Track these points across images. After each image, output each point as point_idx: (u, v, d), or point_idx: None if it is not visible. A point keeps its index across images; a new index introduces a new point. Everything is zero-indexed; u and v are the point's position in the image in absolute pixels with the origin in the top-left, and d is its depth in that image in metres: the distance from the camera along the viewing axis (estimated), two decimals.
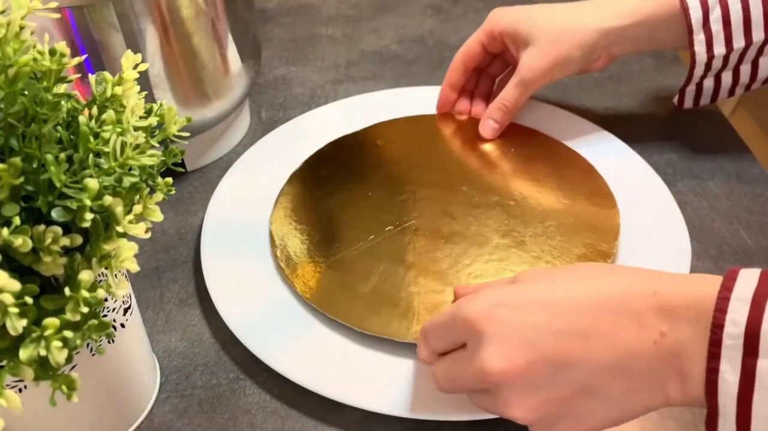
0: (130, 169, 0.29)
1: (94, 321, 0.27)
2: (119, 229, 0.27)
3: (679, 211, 0.48)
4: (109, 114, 0.29)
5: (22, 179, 0.26)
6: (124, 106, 0.30)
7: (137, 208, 0.29)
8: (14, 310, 0.24)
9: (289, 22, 0.74)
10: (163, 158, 0.32)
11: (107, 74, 0.31)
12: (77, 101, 0.31)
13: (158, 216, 0.30)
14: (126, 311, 0.35)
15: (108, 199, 0.27)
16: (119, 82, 0.30)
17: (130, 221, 0.28)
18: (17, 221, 0.25)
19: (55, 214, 0.27)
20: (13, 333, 0.24)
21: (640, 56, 0.66)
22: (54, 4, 0.30)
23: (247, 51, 0.53)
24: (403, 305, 0.42)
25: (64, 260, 0.27)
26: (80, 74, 0.46)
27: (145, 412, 0.40)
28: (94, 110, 0.30)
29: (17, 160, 0.25)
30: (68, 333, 0.26)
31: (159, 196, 0.31)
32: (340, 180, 0.52)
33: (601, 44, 0.51)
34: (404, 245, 0.46)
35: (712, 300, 0.29)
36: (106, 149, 0.28)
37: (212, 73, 0.51)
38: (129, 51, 0.31)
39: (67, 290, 0.26)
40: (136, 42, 0.45)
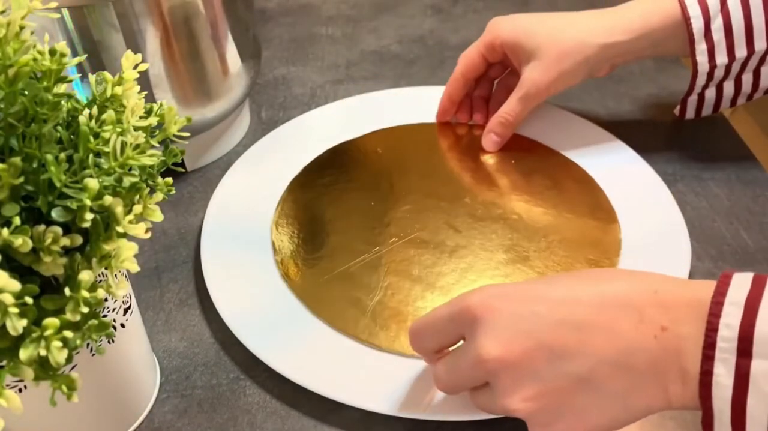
0: (130, 169, 0.29)
1: (94, 321, 0.27)
2: (119, 229, 0.27)
3: (679, 211, 0.48)
4: (109, 114, 0.29)
5: (22, 179, 0.26)
6: (124, 106, 0.30)
7: (137, 208, 0.29)
8: (14, 310, 0.24)
9: (289, 22, 0.74)
10: (163, 158, 0.32)
11: (107, 74, 0.31)
12: (77, 101, 0.31)
13: (158, 216, 0.30)
14: (126, 311, 0.35)
15: (108, 199, 0.27)
16: (119, 83, 0.30)
17: (130, 221, 0.28)
18: (17, 221, 0.25)
19: (55, 214, 0.27)
20: (13, 332, 0.24)
21: None
22: (54, 4, 0.30)
23: (247, 51, 0.53)
24: (410, 319, 0.42)
25: (64, 260, 0.27)
26: (80, 74, 0.46)
27: (145, 412, 0.40)
28: (94, 110, 0.30)
29: (17, 160, 0.25)
30: (68, 333, 0.26)
31: (159, 196, 0.31)
32: (341, 188, 0.52)
33: (605, 58, 0.51)
34: (409, 257, 0.46)
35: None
36: (106, 149, 0.28)
37: (212, 73, 0.51)
38: (129, 51, 0.31)
39: (67, 290, 0.26)
40: (136, 42, 0.45)
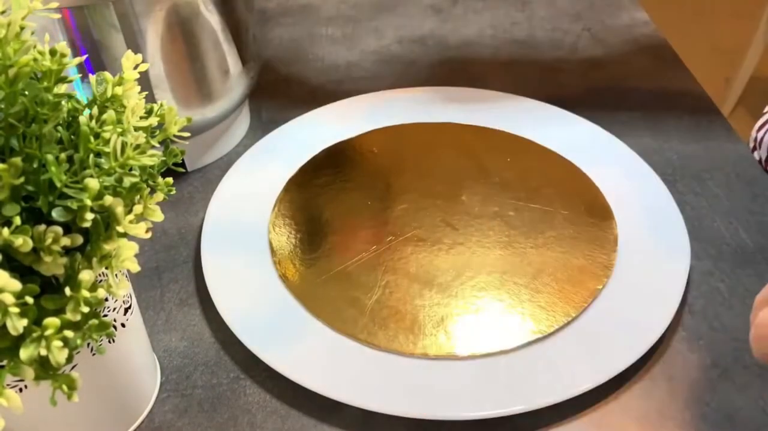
0: (131, 169, 0.29)
1: (95, 321, 0.28)
2: (120, 229, 0.27)
3: (679, 211, 0.48)
4: (110, 114, 0.29)
5: (22, 179, 0.26)
6: (124, 107, 0.30)
7: (138, 208, 0.29)
8: (15, 310, 0.24)
9: (289, 23, 0.74)
10: (164, 158, 0.32)
11: (108, 74, 0.31)
12: (77, 101, 0.31)
13: (159, 216, 0.30)
14: (126, 311, 0.35)
15: (108, 199, 0.27)
16: (120, 83, 0.30)
17: (130, 221, 0.28)
18: (18, 221, 0.25)
19: (55, 214, 0.27)
20: (13, 332, 0.24)
21: (640, 56, 0.66)
22: (54, 5, 0.30)
23: (247, 51, 0.53)
24: (409, 318, 0.42)
25: (64, 260, 0.27)
26: (81, 74, 0.46)
27: (146, 412, 0.40)
28: (95, 110, 0.30)
29: (18, 160, 0.25)
30: (69, 333, 0.26)
31: (159, 196, 0.31)
32: (338, 188, 0.52)
33: None
34: (407, 256, 0.46)
35: None
36: (107, 149, 0.28)
37: (212, 73, 0.51)
38: (129, 51, 0.31)
39: (67, 290, 0.26)
40: (137, 42, 0.45)
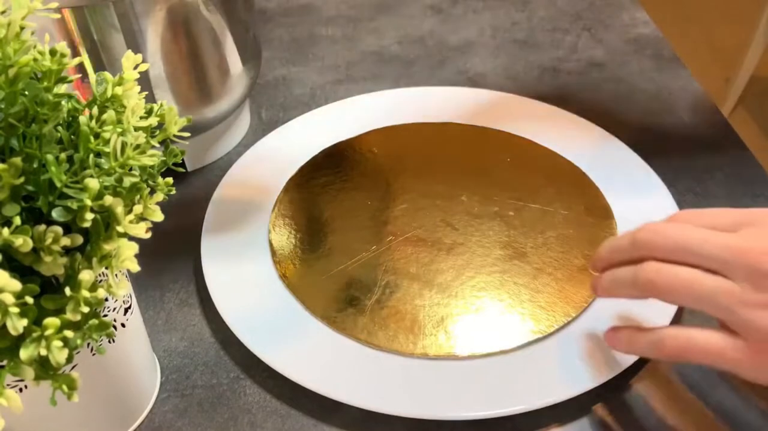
0: (131, 169, 0.29)
1: (95, 321, 0.28)
2: (120, 229, 0.27)
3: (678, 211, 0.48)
4: (110, 114, 0.29)
5: (22, 179, 0.26)
6: (124, 107, 0.30)
7: (138, 208, 0.29)
8: (15, 310, 0.24)
9: (289, 23, 0.74)
10: (164, 158, 0.32)
11: (108, 74, 0.31)
12: (78, 101, 0.31)
13: (159, 216, 0.30)
14: (126, 311, 0.35)
15: (108, 199, 0.27)
16: (120, 83, 0.30)
17: (130, 221, 0.28)
18: (18, 221, 0.25)
19: (55, 214, 0.27)
20: (13, 332, 0.24)
21: (640, 56, 0.66)
22: (54, 5, 0.30)
23: (247, 51, 0.53)
24: (409, 318, 0.42)
25: (64, 260, 0.27)
26: (81, 74, 0.46)
27: (146, 411, 0.40)
28: (95, 110, 0.30)
29: (18, 160, 0.25)
30: (69, 333, 0.26)
31: (159, 196, 0.31)
32: (338, 188, 0.52)
33: None
34: (407, 256, 0.46)
35: None
36: (107, 149, 0.28)
37: (213, 73, 0.51)
38: (129, 51, 0.31)
39: (67, 290, 0.26)
40: (137, 42, 0.45)
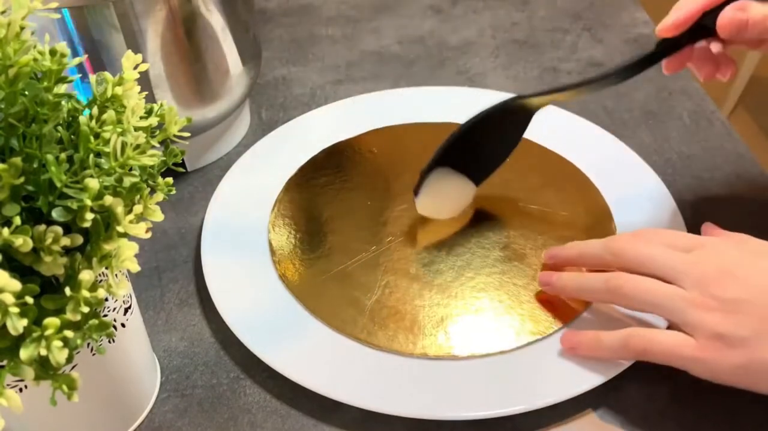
0: (131, 169, 0.29)
1: (95, 321, 0.28)
2: (120, 229, 0.27)
3: (679, 211, 0.48)
4: (110, 114, 0.29)
5: (22, 179, 0.26)
6: (124, 107, 0.30)
7: (138, 208, 0.29)
8: (15, 310, 0.24)
9: (289, 23, 0.74)
10: (164, 158, 0.32)
11: (108, 74, 0.31)
12: (77, 101, 0.31)
13: (159, 216, 0.30)
14: (126, 311, 0.35)
15: (108, 199, 0.27)
16: (120, 83, 0.30)
17: (130, 221, 0.28)
18: (18, 221, 0.25)
19: (55, 214, 0.27)
20: (13, 332, 0.24)
21: None
22: (54, 5, 0.30)
23: (247, 51, 0.53)
24: (408, 318, 0.42)
25: (64, 260, 0.27)
26: (80, 74, 0.46)
27: (146, 412, 0.40)
28: (95, 110, 0.30)
29: (18, 160, 0.25)
30: (69, 333, 0.26)
31: (159, 196, 0.31)
32: (338, 188, 0.52)
33: None
34: (407, 256, 0.46)
35: None
36: (107, 149, 0.28)
37: (213, 73, 0.51)
38: (129, 51, 0.31)
39: (67, 290, 0.26)
40: (137, 42, 0.45)
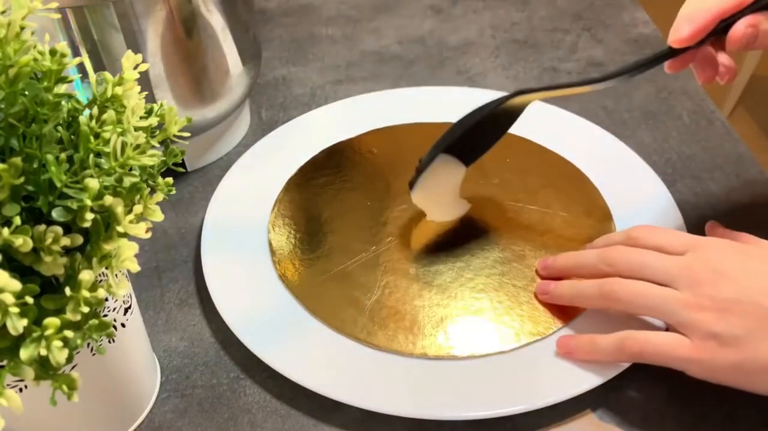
0: (131, 169, 0.29)
1: (95, 321, 0.28)
2: (120, 229, 0.27)
3: (679, 211, 0.48)
4: (110, 114, 0.29)
5: (22, 179, 0.26)
6: (124, 107, 0.30)
7: (138, 208, 0.29)
8: (15, 310, 0.24)
9: (289, 23, 0.74)
10: (164, 158, 0.32)
11: (108, 74, 0.31)
12: (78, 101, 0.31)
13: (159, 216, 0.30)
14: (126, 310, 0.35)
15: (108, 199, 0.27)
16: (120, 83, 0.30)
17: (130, 221, 0.28)
18: (18, 221, 0.25)
19: (55, 214, 0.27)
20: (13, 332, 0.24)
21: (640, 56, 0.66)
22: (54, 5, 0.30)
23: (247, 51, 0.53)
24: (408, 318, 0.42)
25: (64, 260, 0.27)
26: (81, 74, 0.46)
27: (146, 411, 0.40)
28: (95, 110, 0.30)
29: (18, 160, 0.25)
30: (69, 333, 0.26)
31: (159, 196, 0.31)
32: (338, 188, 0.52)
33: None
34: (407, 256, 0.46)
35: None
36: (107, 149, 0.28)
37: (213, 73, 0.51)
38: (129, 51, 0.31)
39: (67, 290, 0.26)
40: (137, 42, 0.45)
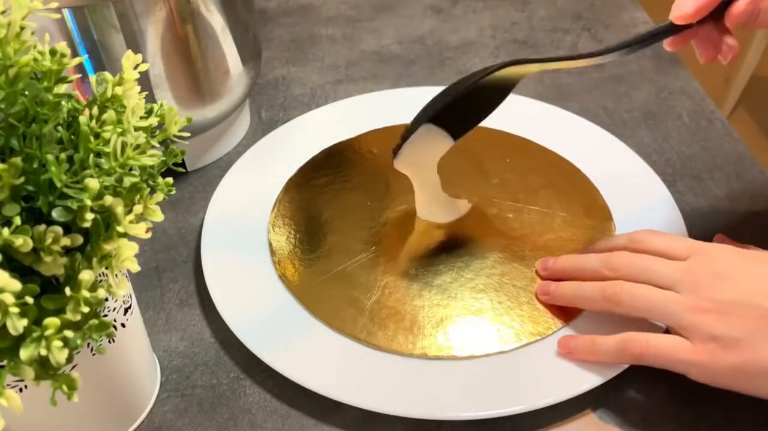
0: (131, 169, 0.29)
1: (95, 321, 0.28)
2: (120, 229, 0.27)
3: (679, 211, 0.48)
4: (110, 114, 0.29)
5: (22, 179, 0.26)
6: (124, 107, 0.30)
7: (138, 208, 0.29)
8: (15, 310, 0.24)
9: (289, 23, 0.74)
10: (164, 158, 0.32)
11: (108, 74, 0.31)
12: (78, 101, 0.31)
13: (159, 216, 0.30)
14: (126, 310, 0.35)
15: (108, 199, 0.27)
16: (120, 83, 0.30)
17: (130, 221, 0.28)
18: (18, 221, 0.25)
19: (55, 214, 0.27)
20: (13, 332, 0.24)
21: (640, 56, 0.66)
22: (54, 5, 0.30)
23: (247, 51, 0.53)
24: (408, 319, 0.42)
25: (64, 260, 0.27)
26: (80, 74, 0.46)
27: (146, 412, 0.40)
28: (95, 110, 0.30)
29: (18, 160, 0.25)
30: (69, 333, 0.26)
31: (159, 196, 0.31)
32: (338, 188, 0.52)
33: None
34: (406, 257, 0.46)
35: None
36: (107, 149, 0.28)
37: (213, 73, 0.51)
38: (129, 51, 0.31)
39: (67, 290, 0.26)
40: (137, 42, 0.45)
